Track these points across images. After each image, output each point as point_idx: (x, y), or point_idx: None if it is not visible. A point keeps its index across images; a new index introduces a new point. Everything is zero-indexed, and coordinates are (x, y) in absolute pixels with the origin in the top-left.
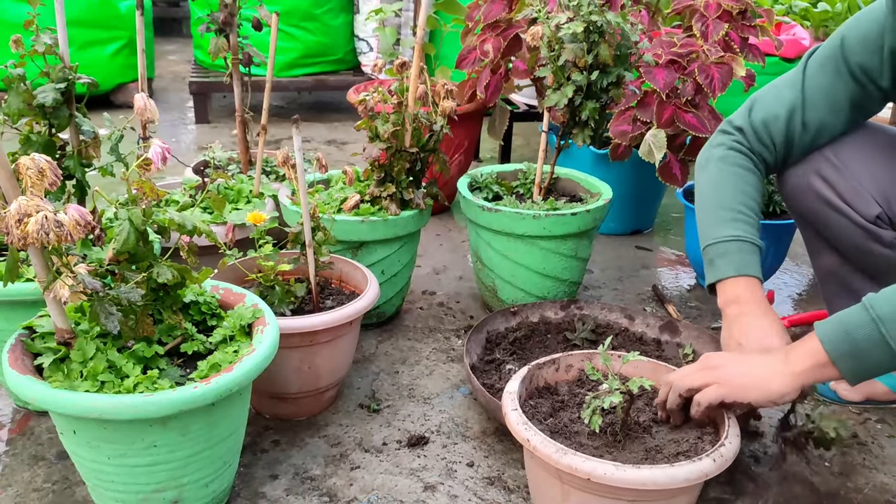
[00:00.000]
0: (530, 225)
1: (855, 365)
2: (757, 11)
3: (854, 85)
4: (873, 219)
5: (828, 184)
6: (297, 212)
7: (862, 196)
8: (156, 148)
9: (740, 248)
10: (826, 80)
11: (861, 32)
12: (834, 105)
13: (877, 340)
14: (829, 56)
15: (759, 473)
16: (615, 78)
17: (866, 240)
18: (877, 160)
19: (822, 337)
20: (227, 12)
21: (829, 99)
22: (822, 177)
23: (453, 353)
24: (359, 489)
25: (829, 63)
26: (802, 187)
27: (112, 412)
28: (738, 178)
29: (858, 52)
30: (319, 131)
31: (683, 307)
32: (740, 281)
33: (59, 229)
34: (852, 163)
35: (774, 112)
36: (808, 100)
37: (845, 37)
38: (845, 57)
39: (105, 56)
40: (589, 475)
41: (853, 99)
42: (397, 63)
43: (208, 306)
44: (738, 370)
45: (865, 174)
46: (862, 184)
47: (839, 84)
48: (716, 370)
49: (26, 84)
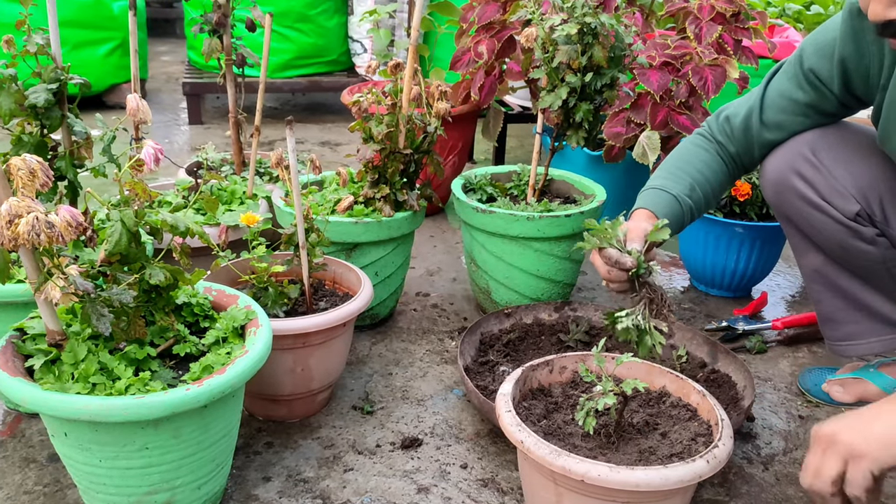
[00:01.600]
0: (524, 226)
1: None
2: (750, 14)
3: (809, 89)
4: (853, 216)
5: (807, 183)
6: (291, 213)
7: (841, 194)
8: (148, 149)
9: (656, 194)
10: (783, 84)
11: (818, 41)
12: (789, 106)
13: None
14: (789, 62)
15: (752, 475)
16: (609, 80)
17: (848, 237)
18: (853, 159)
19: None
20: (220, 13)
21: (785, 100)
22: (801, 176)
23: (447, 354)
24: (352, 491)
25: (789, 69)
26: (783, 187)
27: (104, 414)
28: (687, 152)
29: (813, 58)
30: (313, 132)
31: (677, 309)
32: (639, 212)
33: (51, 230)
34: (830, 162)
35: (736, 111)
36: (766, 101)
37: (805, 45)
38: (801, 63)
39: (98, 57)
40: (583, 477)
41: (810, 102)
42: (391, 64)
43: (201, 308)
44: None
45: (843, 172)
46: (840, 182)
47: (795, 88)
48: (837, 444)
49: (18, 84)
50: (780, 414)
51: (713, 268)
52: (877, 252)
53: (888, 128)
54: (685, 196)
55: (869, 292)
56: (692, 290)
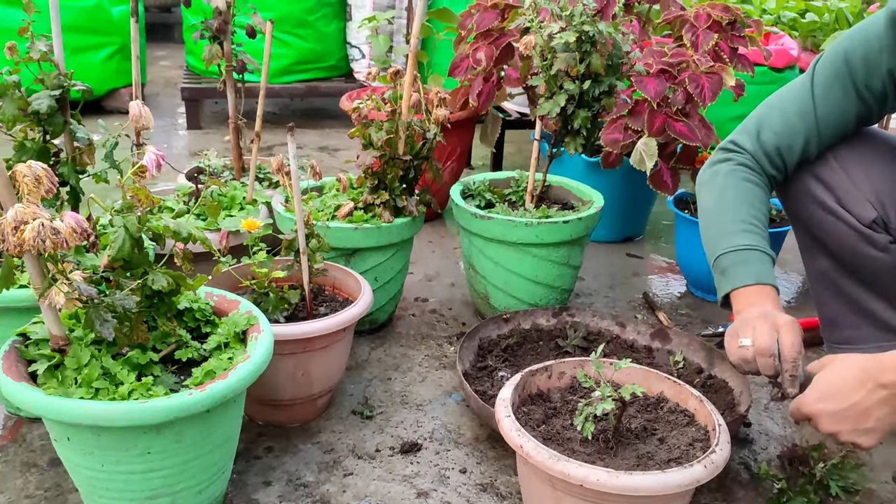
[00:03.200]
0: (522, 232)
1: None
2: (746, 22)
3: (862, 104)
4: (869, 223)
5: (826, 187)
6: (291, 219)
7: (859, 200)
8: (150, 155)
9: (758, 257)
10: (837, 105)
11: (867, 55)
12: (845, 127)
13: None
14: (834, 76)
15: (749, 480)
16: (607, 87)
17: (861, 243)
18: (875, 165)
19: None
20: (221, 20)
21: (842, 122)
22: (820, 180)
23: (446, 359)
24: (352, 496)
25: (836, 84)
26: (800, 190)
27: (106, 419)
28: (748, 192)
29: (864, 73)
30: (311, 138)
31: (674, 314)
32: (761, 289)
33: (56, 236)
34: (851, 168)
35: (788, 143)
36: (821, 129)
37: (848, 56)
38: (853, 78)
39: (97, 61)
40: (582, 482)
41: (860, 116)
42: (391, 71)
43: (203, 313)
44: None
45: (863, 178)
46: (859, 188)
47: (849, 105)
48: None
49: (21, 91)
50: (777, 419)
51: (710, 273)
52: (888, 259)
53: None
54: (770, 247)
55: (873, 298)
56: (689, 296)
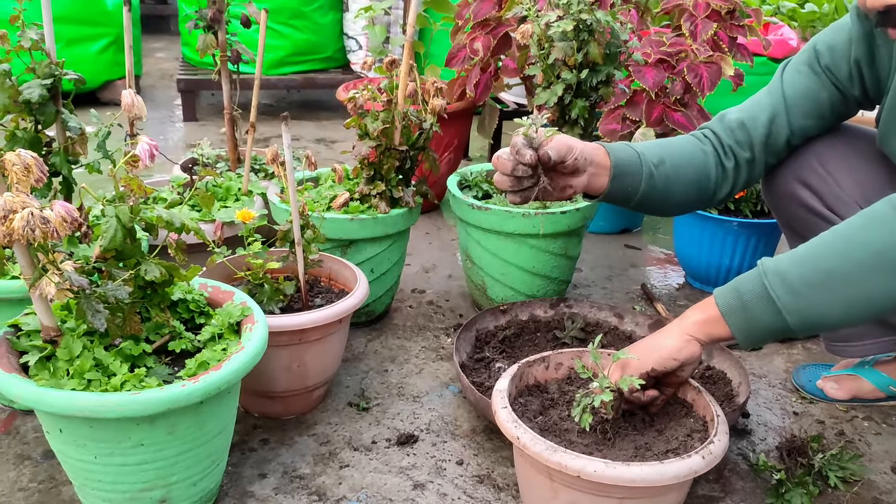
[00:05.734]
0: (520, 223)
1: (742, 320)
2: (745, 11)
3: (833, 89)
4: None
5: (812, 192)
6: (287, 209)
7: (846, 203)
8: (143, 145)
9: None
10: (805, 86)
11: (832, 42)
12: (814, 109)
13: (761, 294)
14: (804, 62)
15: (747, 471)
16: (605, 76)
17: None
18: (860, 166)
19: (715, 293)
20: (215, 9)
21: (811, 102)
22: (806, 185)
23: (443, 351)
24: (348, 488)
25: (804, 68)
26: (787, 196)
27: (99, 410)
28: (672, 139)
29: (829, 58)
30: (308, 129)
31: (672, 305)
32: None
33: (46, 226)
34: (836, 171)
35: (753, 115)
36: (790, 104)
37: (818, 46)
38: (818, 62)
39: (92, 53)
40: (579, 472)
41: (832, 103)
42: (387, 61)
43: (196, 304)
44: (638, 346)
45: (849, 181)
46: (846, 191)
47: (818, 88)
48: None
49: (12, 80)
50: (775, 410)
51: (708, 265)
52: None
53: (887, 130)
54: (650, 162)
55: None
56: (687, 287)
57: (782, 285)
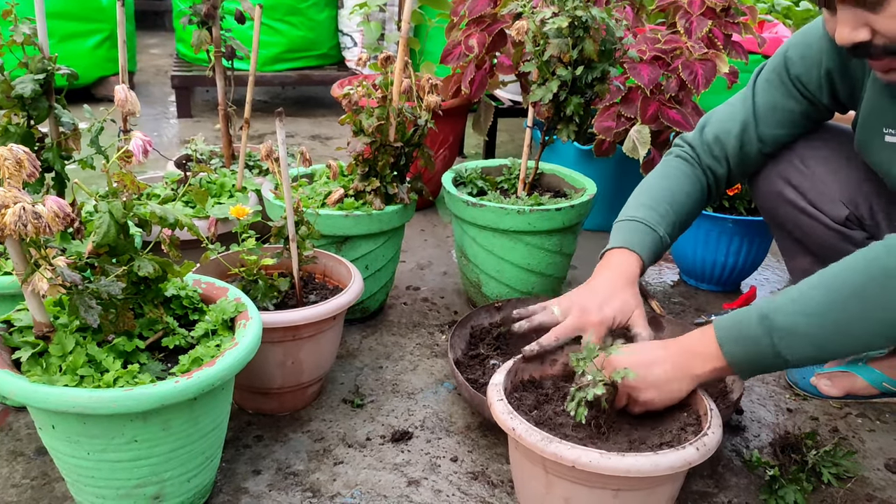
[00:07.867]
0: (515, 220)
1: (749, 371)
2: (740, 9)
3: (802, 98)
4: (843, 221)
5: (797, 190)
6: (281, 206)
7: (831, 199)
8: (137, 140)
9: (638, 228)
10: (774, 97)
11: (803, 52)
12: (786, 119)
13: (773, 354)
14: (774, 70)
15: (741, 467)
16: (600, 73)
17: (839, 241)
18: (841, 163)
19: (722, 348)
20: (210, 5)
21: (780, 113)
22: (791, 184)
23: (437, 348)
24: (342, 484)
25: (773, 79)
26: (773, 194)
27: (92, 407)
28: (669, 180)
29: (800, 67)
30: (303, 126)
31: (667, 303)
32: (623, 253)
33: (38, 221)
34: (818, 168)
35: (727, 128)
36: (759, 116)
37: (789, 55)
38: (787, 72)
39: (86, 49)
40: (574, 463)
41: (804, 112)
42: (382, 57)
43: (190, 300)
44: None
45: (831, 178)
46: (829, 188)
47: (787, 98)
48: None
49: (4, 74)
50: (769, 407)
51: (703, 262)
52: None
53: (864, 139)
54: (668, 235)
55: None
56: (682, 285)
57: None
